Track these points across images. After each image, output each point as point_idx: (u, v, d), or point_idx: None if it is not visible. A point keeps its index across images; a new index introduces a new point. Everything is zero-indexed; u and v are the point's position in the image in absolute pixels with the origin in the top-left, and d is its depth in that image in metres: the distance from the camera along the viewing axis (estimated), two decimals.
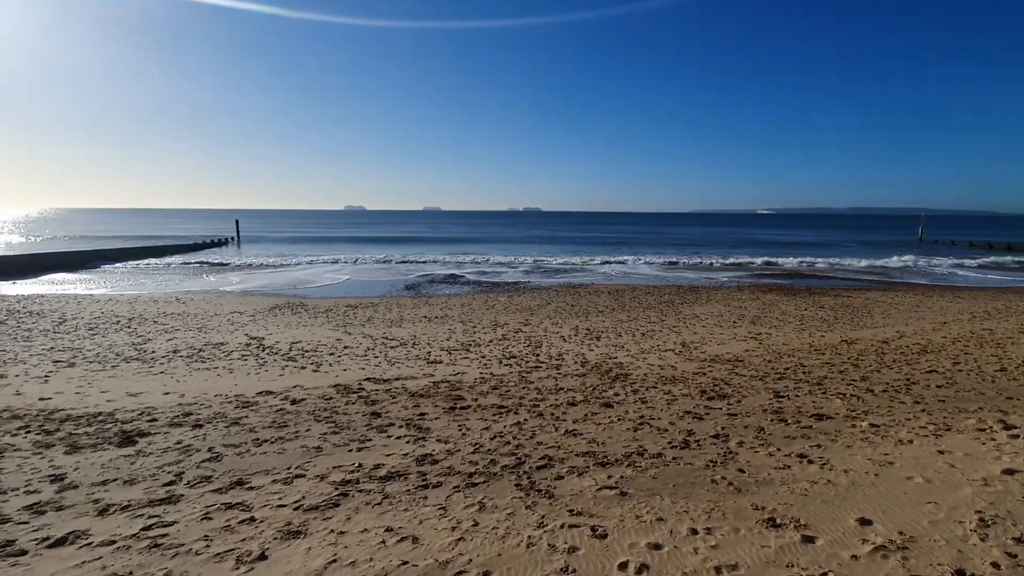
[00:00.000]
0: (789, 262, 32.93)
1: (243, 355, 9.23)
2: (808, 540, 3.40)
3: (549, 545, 3.34)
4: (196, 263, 30.10)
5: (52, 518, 3.75)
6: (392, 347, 10.05)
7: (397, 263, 32.44)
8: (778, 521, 3.62)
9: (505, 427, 5.60)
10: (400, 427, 5.61)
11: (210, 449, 4.99)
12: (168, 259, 32.20)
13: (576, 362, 8.84)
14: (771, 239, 63.84)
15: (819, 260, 33.65)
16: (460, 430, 5.53)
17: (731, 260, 33.94)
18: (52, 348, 9.51)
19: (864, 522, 3.63)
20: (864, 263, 32.04)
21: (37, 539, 3.46)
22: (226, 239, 48.24)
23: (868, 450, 4.96)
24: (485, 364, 8.74)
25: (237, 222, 56.04)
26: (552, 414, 6.04)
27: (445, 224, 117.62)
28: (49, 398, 6.60)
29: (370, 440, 5.24)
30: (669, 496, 4.01)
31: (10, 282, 20.45)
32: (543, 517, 3.68)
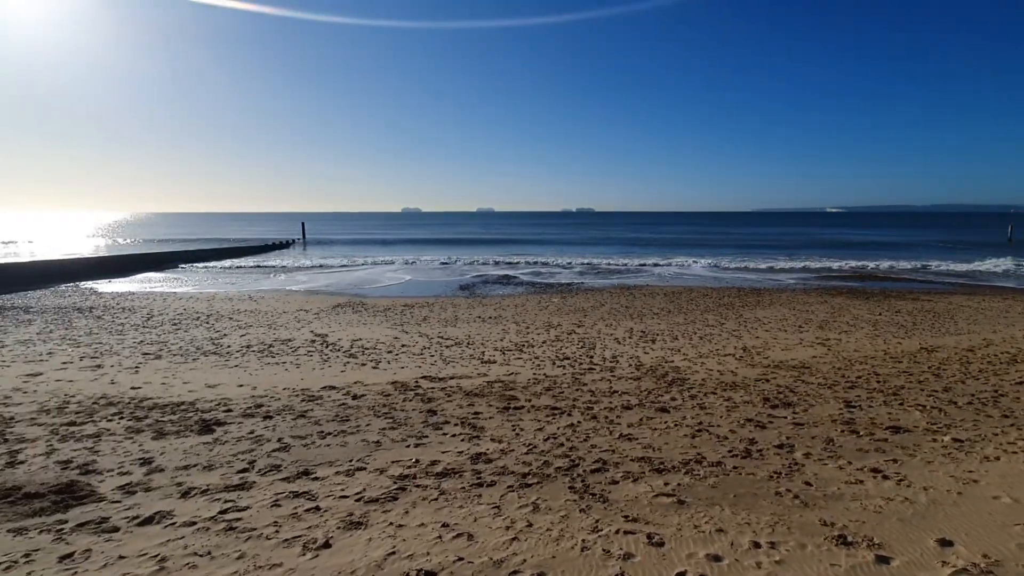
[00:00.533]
0: (860, 263, 30.95)
1: (308, 351, 9.70)
2: (882, 560, 3.21)
3: (604, 550, 3.31)
4: (266, 264, 31.92)
5: (141, 498, 4.08)
6: (447, 346, 10.25)
7: (452, 264, 33.05)
8: (849, 539, 3.43)
9: (558, 429, 5.60)
10: (455, 425, 5.73)
11: (279, 440, 5.28)
12: (240, 260, 34.30)
13: (631, 365, 8.70)
14: (840, 239, 60.25)
15: (894, 262, 31.41)
16: (514, 430, 5.58)
17: (797, 262, 32.32)
18: (141, 341, 10.36)
19: (945, 543, 3.38)
20: (948, 266, 29.59)
21: (128, 517, 3.78)
22: (292, 241, 50.81)
23: (950, 466, 4.60)
24: (538, 365, 8.76)
25: (303, 224, 58.91)
26: (606, 417, 5.98)
27: (498, 225, 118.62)
28: (139, 387, 7.20)
29: (426, 437, 5.38)
30: (729, 506, 3.88)
31: (107, 281, 22.44)
32: (597, 521, 3.66)
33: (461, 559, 3.21)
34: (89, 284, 21.07)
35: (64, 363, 8.52)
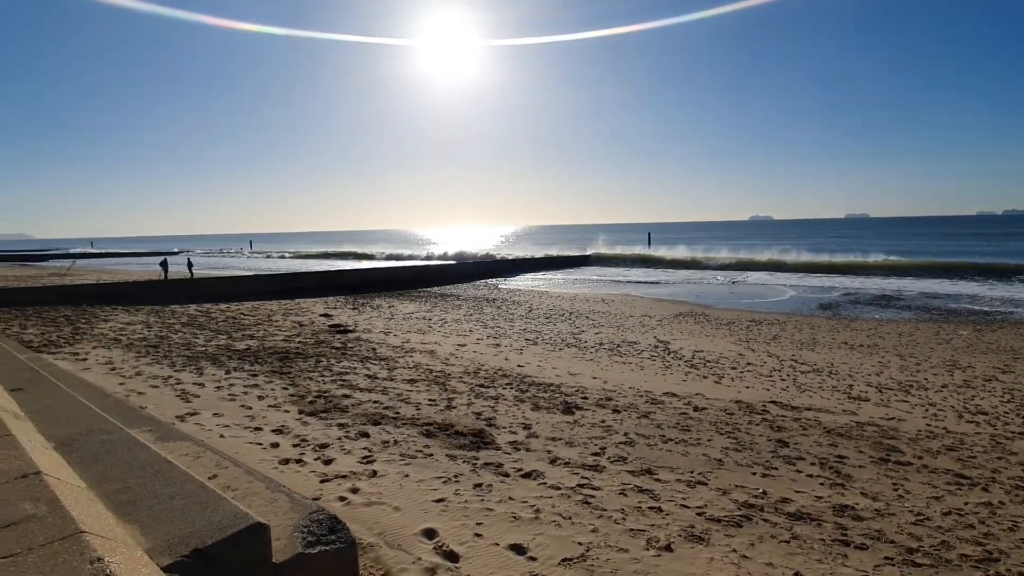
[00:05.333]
0: None
1: (651, 355, 10.18)
2: None
3: None
4: (617, 270, 34.93)
5: (523, 455, 5.09)
6: (802, 372, 9.10)
7: (809, 276, 28.90)
8: None
9: (967, 504, 4.28)
10: (812, 464, 5.06)
11: (625, 434, 5.74)
12: (597, 266, 38.52)
13: None
14: None
15: None
16: (895, 489, 4.56)
17: None
18: (524, 329, 12.92)
19: None
20: None
21: (515, 468, 4.77)
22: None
23: None
24: (935, 415, 6.87)
25: (649, 235, 61.89)
26: None
27: (872, 234, 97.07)
28: (522, 366, 9.00)
29: (775, 468, 4.94)
30: None
31: (503, 279, 28.90)
32: None
33: None
34: (493, 281, 27.52)
35: (477, 339, 11.41)
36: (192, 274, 27.18)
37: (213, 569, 2.01)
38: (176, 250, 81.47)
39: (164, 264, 26.63)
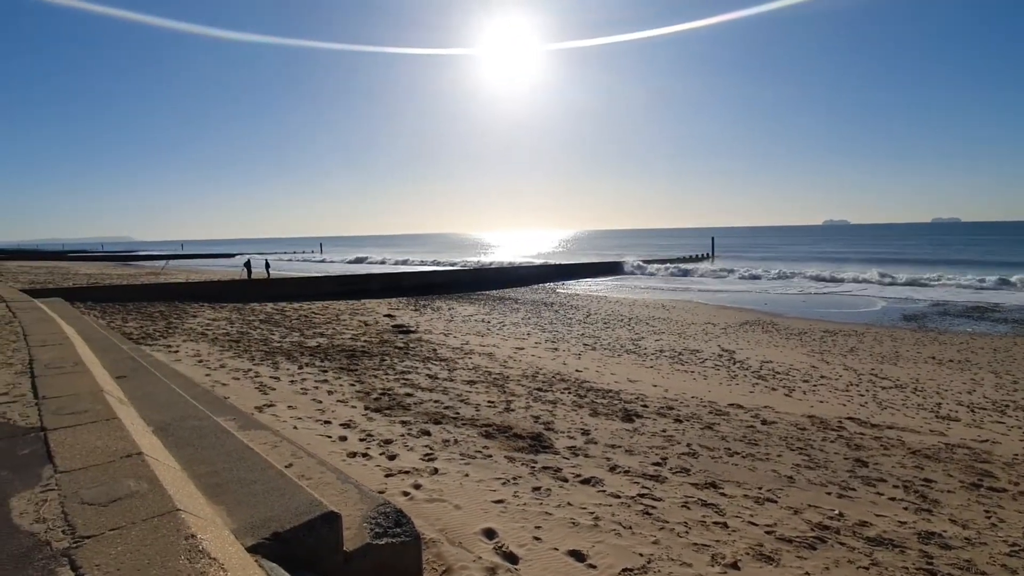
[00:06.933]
0: None
1: (716, 365, 9.81)
2: None
3: None
4: (680, 277, 34.02)
5: (582, 461, 5.05)
6: (883, 387, 8.48)
7: (889, 285, 26.91)
8: None
9: None
10: (895, 487, 4.71)
11: (688, 445, 5.57)
12: (653, 274, 37.60)
13: None
14: None
15: None
16: (988, 517, 4.17)
17: None
18: (582, 334, 12.82)
19: None
20: None
21: (573, 474, 4.74)
22: (703, 255, 52.15)
23: None
24: None
25: (712, 239, 59.69)
26: None
27: (964, 241, 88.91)
28: (580, 371, 8.93)
29: (853, 490, 4.63)
30: None
31: (562, 283, 28.81)
32: None
33: None
34: (551, 285, 27.53)
35: (536, 343, 11.44)
36: (269, 275, 28.89)
37: (290, 552, 2.14)
38: (236, 253, 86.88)
39: (248, 265, 28.35)
